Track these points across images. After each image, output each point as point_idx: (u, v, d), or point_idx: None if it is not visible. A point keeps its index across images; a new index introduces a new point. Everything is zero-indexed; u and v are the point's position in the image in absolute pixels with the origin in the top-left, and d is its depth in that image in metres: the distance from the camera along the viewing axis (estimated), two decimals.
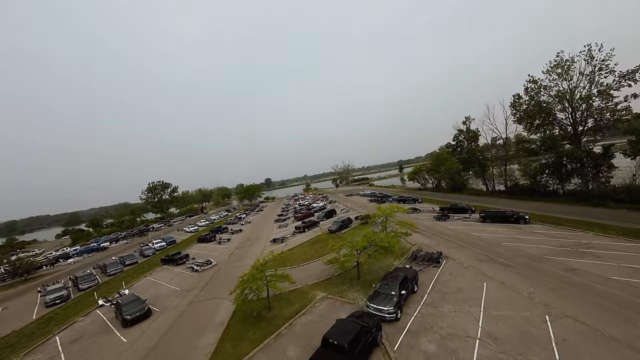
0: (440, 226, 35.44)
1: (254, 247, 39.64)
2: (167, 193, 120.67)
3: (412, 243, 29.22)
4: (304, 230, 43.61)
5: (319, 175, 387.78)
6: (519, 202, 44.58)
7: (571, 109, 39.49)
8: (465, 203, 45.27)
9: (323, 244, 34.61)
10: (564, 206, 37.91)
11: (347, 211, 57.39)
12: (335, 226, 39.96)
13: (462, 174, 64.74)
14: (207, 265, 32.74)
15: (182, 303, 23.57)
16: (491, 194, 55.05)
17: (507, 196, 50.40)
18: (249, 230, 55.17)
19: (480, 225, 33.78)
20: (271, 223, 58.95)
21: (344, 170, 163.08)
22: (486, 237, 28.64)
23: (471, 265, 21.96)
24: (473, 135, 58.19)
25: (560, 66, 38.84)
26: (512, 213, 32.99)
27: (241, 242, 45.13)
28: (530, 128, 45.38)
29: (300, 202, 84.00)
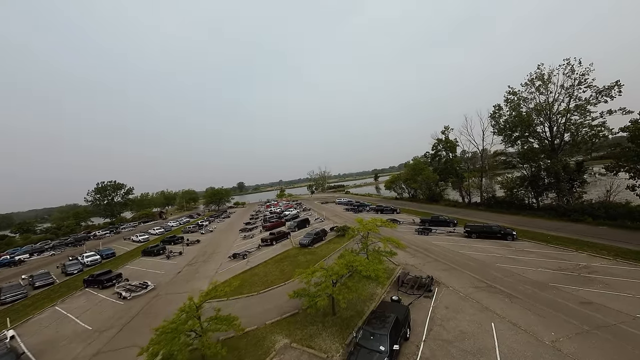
0: (423, 241, 32.00)
1: (209, 265, 32.96)
2: (119, 195, 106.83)
3: (396, 263, 25.12)
4: (271, 243, 37.83)
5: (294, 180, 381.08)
6: (498, 215, 43.32)
7: (549, 122, 39.17)
8: (446, 215, 42.93)
9: (292, 262, 29.26)
10: (544, 221, 36.81)
11: (321, 221, 52.62)
12: (308, 239, 34.86)
13: (439, 185, 63.58)
14: (142, 290, 25.60)
15: (83, 354, 16.63)
16: (468, 206, 53.93)
17: (485, 208, 49.31)
18: (208, 241, 47.79)
19: (465, 240, 30.88)
20: (236, 233, 52.07)
21: (320, 176, 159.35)
22: (477, 256, 25.47)
23: (469, 295, 18.14)
24: (451, 146, 57.34)
25: (540, 78, 38.46)
26: (498, 228, 30.56)
27: (195, 256, 37.96)
28: (508, 140, 44.77)
29: (271, 209, 77.62)
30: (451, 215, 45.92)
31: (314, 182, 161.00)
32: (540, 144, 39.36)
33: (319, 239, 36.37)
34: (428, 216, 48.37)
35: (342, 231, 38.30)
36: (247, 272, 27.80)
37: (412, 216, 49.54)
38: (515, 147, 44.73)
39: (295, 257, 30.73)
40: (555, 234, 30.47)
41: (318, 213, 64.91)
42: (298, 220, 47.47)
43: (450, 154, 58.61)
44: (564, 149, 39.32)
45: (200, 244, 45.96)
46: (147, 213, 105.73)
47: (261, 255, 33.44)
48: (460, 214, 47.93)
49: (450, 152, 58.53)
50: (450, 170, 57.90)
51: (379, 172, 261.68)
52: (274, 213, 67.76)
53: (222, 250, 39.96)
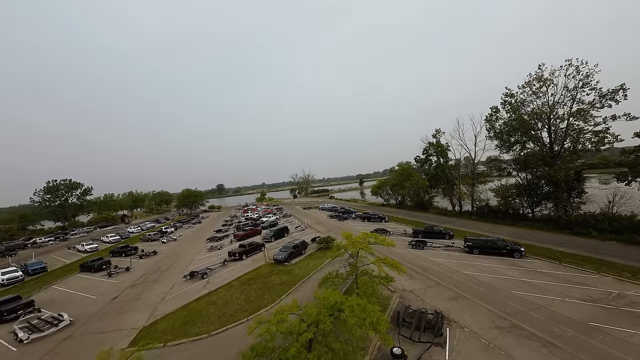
0: (419, 257, 27.61)
1: (158, 286, 26.45)
2: (75, 195, 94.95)
3: (392, 288, 20.33)
4: (240, 257, 31.89)
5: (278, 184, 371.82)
6: (492, 226, 40.30)
7: (548, 127, 36.81)
8: (442, 226, 39.19)
9: (262, 284, 23.65)
10: (545, 233, 33.94)
11: (302, 229, 47.24)
12: (284, 254, 29.37)
13: (429, 191, 60.51)
14: (50, 328, 18.86)
15: None
16: (460, 215, 50.91)
17: (478, 218, 46.36)
18: (166, 253, 40.76)
19: (467, 257, 26.84)
20: (203, 242, 45.30)
21: (303, 180, 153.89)
22: (485, 279, 21.31)
23: (493, 341, 13.63)
24: (442, 150, 54.49)
25: (540, 79, 36.07)
26: (504, 243, 26.84)
27: (144, 273, 31.11)
28: (504, 145, 42.18)
29: (248, 215, 70.96)
30: (444, 225, 42.37)
31: (297, 186, 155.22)
32: (540, 150, 36.77)
33: (298, 253, 31.00)
34: (419, 225, 44.57)
35: (326, 243, 33.24)
36: (202, 299, 21.79)
37: (402, 225, 45.51)
38: (512, 152, 42.19)
39: (267, 278, 25.12)
40: (563, 250, 27.31)
41: (299, 220, 59.41)
42: (275, 229, 41.76)
43: (442, 158, 55.73)
44: (562, 156, 37.02)
45: (157, 257, 38.85)
46: (107, 217, 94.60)
47: (226, 274, 27.45)
48: (453, 223, 44.58)
49: (442, 156, 55.67)
50: (441, 176, 54.91)
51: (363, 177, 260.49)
52: (249, 219, 61.33)
53: (180, 265, 33.35)
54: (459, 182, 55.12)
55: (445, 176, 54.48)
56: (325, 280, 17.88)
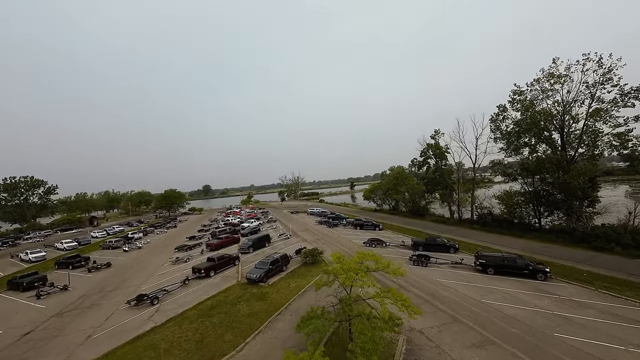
0: (424, 278, 22.88)
1: (92, 315, 20.49)
2: (36, 194, 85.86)
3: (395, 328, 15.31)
4: (208, 273, 26.22)
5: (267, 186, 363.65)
6: (497, 237, 36.33)
7: (561, 128, 33.29)
8: (443, 237, 34.82)
9: (227, 316, 18.23)
10: (560, 248, 30.05)
11: (287, 237, 41.87)
12: (260, 271, 24.00)
13: (426, 197, 56.45)
14: None
15: None
16: (460, 223, 46.89)
17: (480, 227, 42.36)
18: (123, 266, 34.47)
19: (482, 279, 22.31)
20: (170, 252, 39.14)
21: (293, 183, 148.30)
22: (513, 312, 16.71)
23: None
24: (441, 153, 50.60)
25: (553, 76, 32.57)
26: (524, 262, 22.49)
27: (83, 295, 24.91)
28: (511, 147, 38.52)
29: (229, 219, 64.75)
30: (444, 236, 38.10)
31: (285, 189, 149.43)
32: (554, 153, 33.11)
33: (278, 270, 25.67)
34: (417, 234, 40.17)
35: (312, 257, 28.08)
36: (140, 341, 16.12)
37: (399, 235, 40.90)
38: (518, 155, 38.55)
39: (234, 306, 19.67)
40: (589, 269, 23.27)
41: (284, 226, 53.96)
42: (255, 238, 36.17)
43: (440, 161, 51.82)
44: (576, 160, 33.53)
45: (109, 270, 32.50)
46: (72, 218, 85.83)
47: (184, 298, 21.80)
48: (453, 233, 40.40)
49: (440, 159, 51.77)
50: (439, 180, 50.93)
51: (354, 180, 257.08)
52: (229, 225, 55.25)
53: (133, 282, 27.31)
54: (458, 187, 51.31)
55: (444, 180, 50.55)
56: (305, 321, 12.72)
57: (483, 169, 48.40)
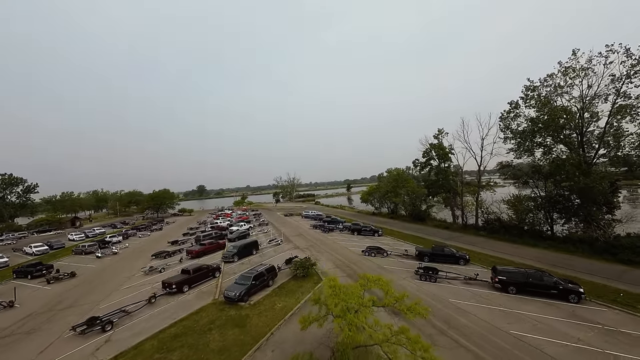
0: (435, 298, 19.32)
1: (25, 345, 16.51)
2: (15, 193, 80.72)
3: None
4: (180, 289, 22.33)
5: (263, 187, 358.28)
6: (508, 245, 33.05)
7: (580, 126, 30.19)
8: (448, 244, 31.47)
9: (191, 350, 14.41)
10: (581, 260, 26.75)
11: (277, 243, 38.08)
12: (240, 288, 20.21)
13: (427, 200, 53.13)
14: None
15: None
16: (465, 229, 43.55)
17: (487, 234, 39.08)
18: (88, 275, 30.39)
19: (503, 300, 18.83)
20: (147, 259, 35.06)
21: (288, 184, 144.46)
22: (553, 351, 13.17)
23: None
24: (445, 154, 47.32)
25: (575, 68, 29.47)
26: (552, 280, 19.07)
27: (31, 314, 20.84)
28: (521, 148, 35.38)
29: (218, 222, 60.56)
30: (449, 243, 34.81)
31: (281, 190, 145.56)
32: (575, 154, 29.89)
33: (263, 285, 21.91)
34: (419, 241, 36.76)
35: (303, 269, 24.35)
36: None
37: (400, 242, 37.40)
38: (530, 157, 35.41)
39: (204, 335, 15.86)
40: (624, 289, 19.92)
41: (276, 230, 50.16)
42: (240, 245, 32.28)
43: (443, 163, 48.56)
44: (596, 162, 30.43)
45: (71, 282, 28.37)
46: (51, 219, 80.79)
47: (145, 322, 17.91)
48: (459, 240, 37.10)
49: (444, 161, 48.50)
50: (442, 183, 47.62)
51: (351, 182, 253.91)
52: (216, 228, 51.12)
53: (93, 297, 23.30)
54: (460, 190, 48.08)
55: (448, 183, 47.27)
56: None
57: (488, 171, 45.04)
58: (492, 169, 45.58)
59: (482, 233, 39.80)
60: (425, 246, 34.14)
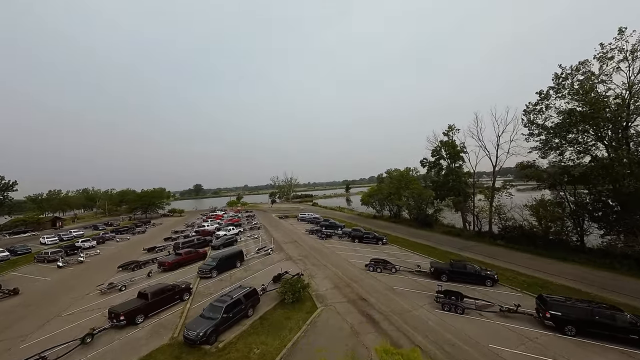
0: (465, 339, 14.17)
1: None
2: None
3: None
4: (132, 319, 17.00)
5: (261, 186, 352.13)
6: (536, 260, 28.00)
7: (627, 119, 25.24)
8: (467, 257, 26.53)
9: None
10: (630, 280, 21.86)
11: (266, 253, 32.80)
12: (206, 324, 14.95)
13: (434, 204, 48.11)
14: None
15: None
16: (480, 237, 38.53)
17: (506, 244, 34.11)
18: (32, 293, 24.95)
19: (562, 345, 13.74)
20: (113, 271, 29.64)
21: (285, 184, 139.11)
22: None
23: None
24: (456, 152, 42.31)
25: (623, 50, 24.53)
26: (626, 319, 14.03)
27: None
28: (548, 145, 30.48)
29: (207, 225, 55.00)
30: (464, 254, 30.06)
31: (277, 190, 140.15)
32: (622, 152, 24.85)
33: (239, 317, 16.64)
34: (430, 252, 31.77)
35: (293, 293, 19.04)
36: None
37: (408, 252, 32.26)
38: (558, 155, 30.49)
39: None
40: None
41: (268, 235, 44.90)
42: (221, 257, 26.88)
43: (455, 162, 43.53)
44: None
45: (10, 301, 22.92)
46: (28, 219, 74.86)
47: None
48: (474, 250, 32.23)
49: (454, 160, 43.48)
50: (453, 185, 42.60)
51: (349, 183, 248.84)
52: (200, 232, 45.49)
53: (22, 329, 17.92)
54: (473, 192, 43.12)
55: (459, 185, 42.24)
56: None
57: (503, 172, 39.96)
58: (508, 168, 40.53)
59: (499, 242, 34.81)
60: (438, 258, 29.25)
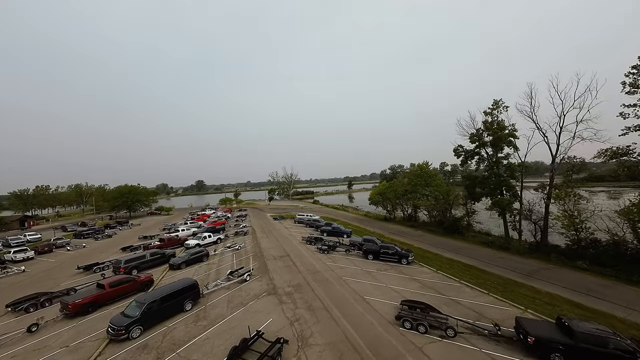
0: None
1: None
2: None
3: None
4: None
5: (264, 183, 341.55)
6: None
7: None
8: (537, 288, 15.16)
9: None
10: None
11: (241, 278, 21.60)
12: None
13: (467, 205, 36.71)
14: None
15: None
16: (540, 253, 27.13)
17: (591, 265, 22.75)
18: None
19: None
20: None
21: (285, 180, 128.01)
22: None
23: None
24: (503, 136, 30.33)
25: None
26: None
27: None
28: None
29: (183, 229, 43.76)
30: (541, 288, 18.90)
31: (277, 187, 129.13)
32: None
33: None
34: (477, 277, 20.35)
35: None
36: None
37: (451, 279, 20.69)
38: None
39: None
40: None
41: (254, 246, 33.81)
42: (153, 300, 15.28)
43: (499, 151, 31.96)
44: None
45: None
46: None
47: None
48: (543, 277, 21.07)
49: (500, 147, 31.79)
50: (501, 180, 31.10)
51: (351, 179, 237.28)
52: (166, 241, 33.93)
53: None
54: (520, 191, 31.58)
55: (507, 181, 30.70)
56: None
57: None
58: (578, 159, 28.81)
59: (579, 264, 23.35)
60: (496, 287, 18.09)
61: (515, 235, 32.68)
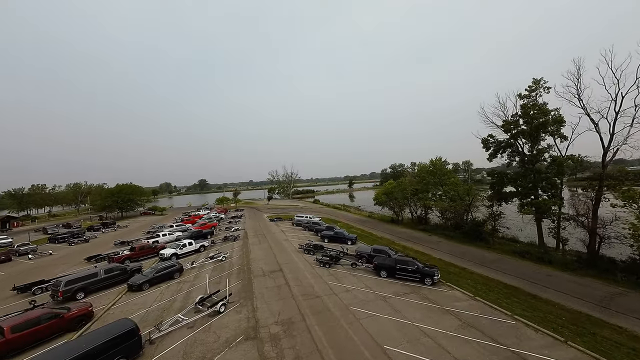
0: None
1: None
2: None
3: None
4: None
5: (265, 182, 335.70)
6: None
7: None
8: None
9: None
10: None
11: (214, 309, 15.45)
12: None
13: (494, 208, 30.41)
14: None
15: None
16: (599, 271, 20.87)
17: None
18: None
19: None
20: None
21: (285, 179, 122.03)
22: None
23: None
24: (548, 122, 23.49)
25: None
26: None
27: None
28: None
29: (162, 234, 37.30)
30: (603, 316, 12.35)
31: (277, 186, 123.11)
32: None
33: None
34: (535, 310, 13.71)
35: None
36: None
37: (497, 312, 14.22)
38: None
39: None
40: None
41: (241, 256, 27.67)
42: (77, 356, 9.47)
43: (538, 143, 25.64)
44: None
45: None
46: None
47: None
48: (620, 310, 14.71)
49: (538, 138, 25.45)
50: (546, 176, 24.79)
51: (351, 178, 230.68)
52: (137, 250, 27.70)
53: None
54: (560, 189, 25.27)
55: (551, 179, 24.36)
56: None
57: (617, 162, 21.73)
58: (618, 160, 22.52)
59: None
60: (568, 330, 11.88)
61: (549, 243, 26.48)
